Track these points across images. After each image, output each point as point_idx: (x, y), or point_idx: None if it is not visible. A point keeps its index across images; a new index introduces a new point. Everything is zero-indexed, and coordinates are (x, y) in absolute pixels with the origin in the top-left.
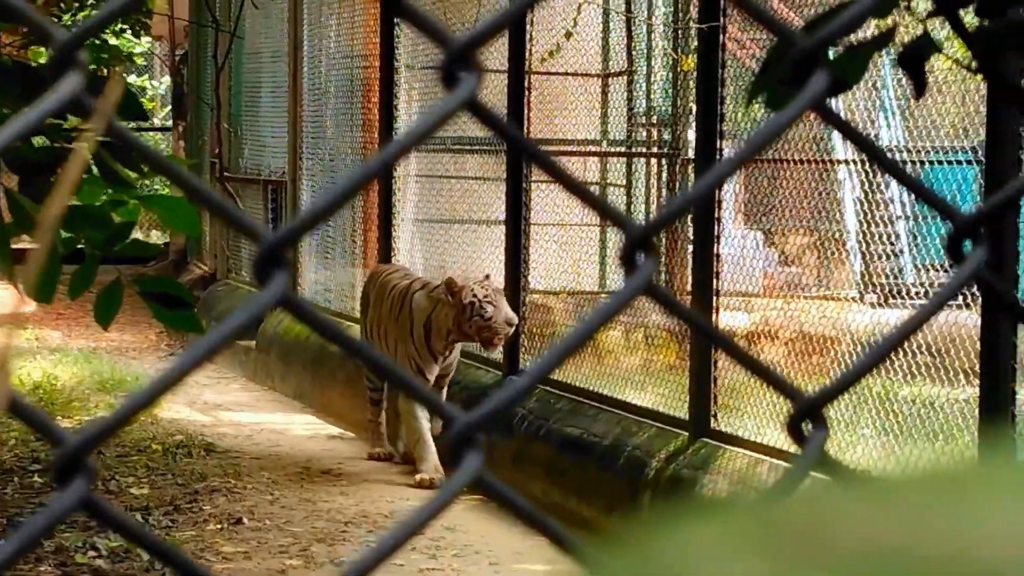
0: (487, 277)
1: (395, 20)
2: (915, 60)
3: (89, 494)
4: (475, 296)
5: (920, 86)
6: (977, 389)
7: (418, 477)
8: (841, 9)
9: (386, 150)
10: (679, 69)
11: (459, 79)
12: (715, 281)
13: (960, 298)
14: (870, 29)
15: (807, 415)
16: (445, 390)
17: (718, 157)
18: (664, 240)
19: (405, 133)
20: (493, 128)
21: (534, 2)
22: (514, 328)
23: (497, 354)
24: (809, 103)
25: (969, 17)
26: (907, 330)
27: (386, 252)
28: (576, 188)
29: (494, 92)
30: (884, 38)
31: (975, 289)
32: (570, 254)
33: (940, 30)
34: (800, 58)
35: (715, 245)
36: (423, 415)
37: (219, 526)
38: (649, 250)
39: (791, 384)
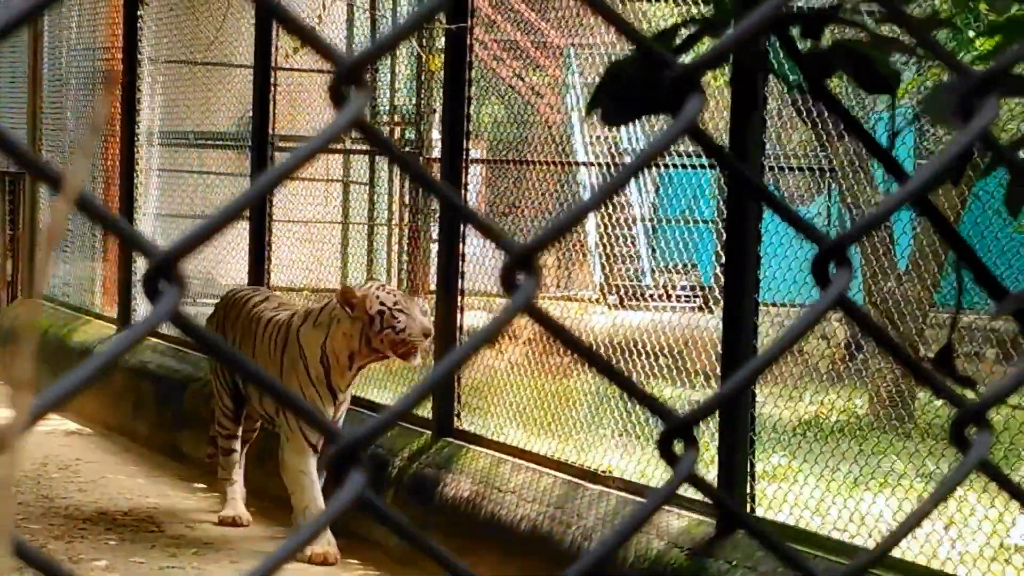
0: (382, 285)
1: (138, 13)
2: (747, 78)
3: None
4: (383, 304)
5: (751, 104)
6: (715, 387)
7: (310, 552)
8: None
9: (272, 171)
10: (424, 68)
11: (347, 97)
12: (460, 281)
13: (698, 301)
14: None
15: (678, 435)
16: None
17: (464, 157)
18: (407, 238)
19: (293, 153)
20: (380, 146)
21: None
22: (431, 337)
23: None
24: (686, 125)
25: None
26: (773, 354)
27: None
28: (456, 205)
29: (240, 87)
30: (719, 57)
31: (716, 293)
32: (312, 251)
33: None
34: (677, 82)
35: (460, 244)
36: (313, 471)
37: None
38: (531, 270)
39: (663, 404)
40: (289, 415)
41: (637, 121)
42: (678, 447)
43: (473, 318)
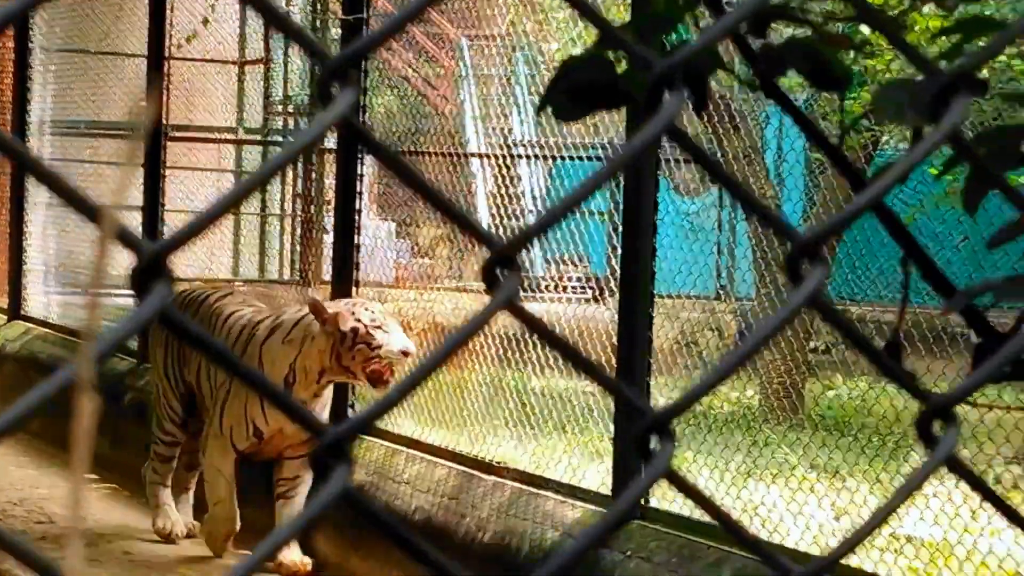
0: (360, 301)
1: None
2: (697, 76)
3: None
4: (359, 321)
5: (702, 102)
6: None
7: (281, 560)
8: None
9: (264, 168)
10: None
11: (334, 95)
12: (355, 272)
13: (590, 292)
14: None
15: (654, 430)
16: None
17: (358, 148)
18: (300, 229)
19: (283, 148)
20: (365, 142)
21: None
22: (410, 358)
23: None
24: (666, 122)
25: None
26: (748, 350)
27: (17, 237)
28: (441, 203)
29: (133, 77)
30: (699, 54)
31: (610, 284)
32: (204, 242)
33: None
34: (657, 80)
35: (356, 235)
36: (231, 475)
37: None
38: (513, 266)
39: (639, 398)
40: (218, 416)
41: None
42: (654, 443)
43: None
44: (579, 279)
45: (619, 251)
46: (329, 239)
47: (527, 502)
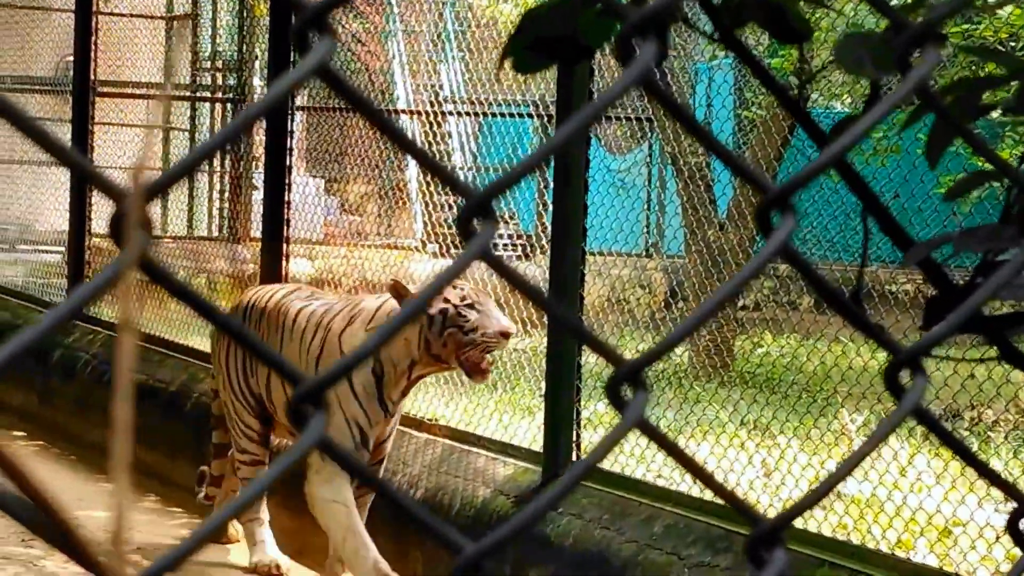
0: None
1: None
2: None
3: None
4: (447, 301)
5: (663, 53)
6: (541, 339)
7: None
8: None
9: (242, 115)
10: (247, 15)
11: (311, 44)
12: (285, 228)
13: (521, 249)
14: None
15: (627, 380)
16: (384, 465)
17: (289, 104)
18: (228, 188)
19: (261, 99)
20: (345, 95)
21: None
22: (509, 340)
23: (59, 298)
24: (641, 72)
25: None
26: (720, 298)
27: None
28: (418, 154)
29: (60, 32)
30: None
31: (542, 241)
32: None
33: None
34: (629, 31)
35: (286, 192)
36: (349, 499)
37: None
38: (488, 216)
39: (613, 349)
40: None
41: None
42: (627, 392)
43: (297, 265)
44: (509, 236)
45: (549, 208)
46: (258, 196)
47: (459, 459)
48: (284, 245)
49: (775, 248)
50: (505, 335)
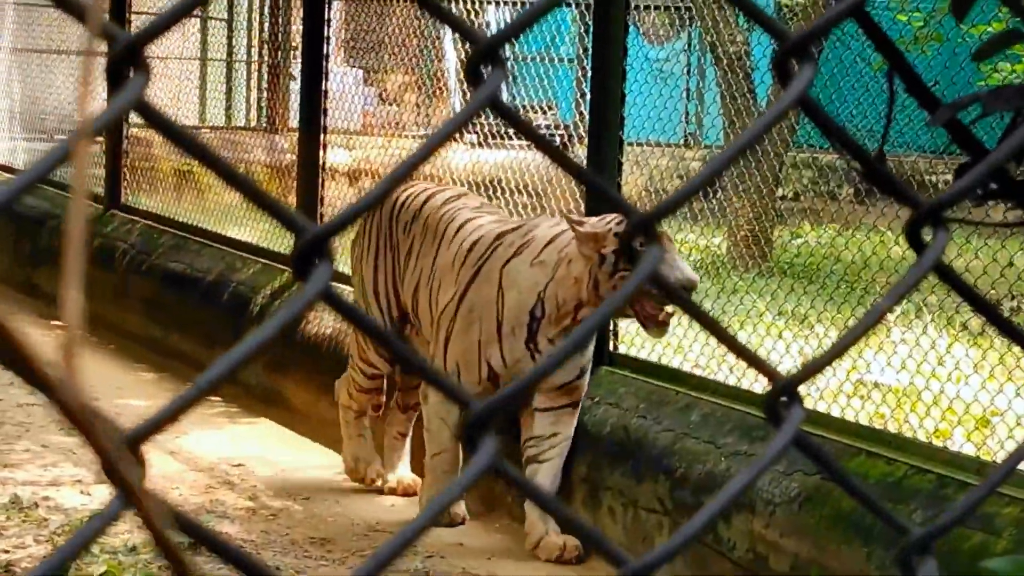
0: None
1: None
2: None
3: None
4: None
5: None
6: None
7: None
8: None
9: None
10: None
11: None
12: (323, 119)
13: (559, 139)
14: None
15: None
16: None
17: None
18: (266, 77)
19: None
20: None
21: None
22: (693, 290)
23: (99, 187)
24: None
25: None
26: (739, 147)
27: None
28: (431, 5)
29: None
30: None
31: (579, 131)
32: (169, 88)
33: None
34: None
35: (323, 81)
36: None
37: None
38: (496, 62)
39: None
40: (442, 351)
41: None
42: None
43: (335, 156)
44: (547, 126)
45: (587, 97)
46: (296, 86)
47: (740, 477)
48: (322, 135)
49: (795, 96)
50: (688, 288)
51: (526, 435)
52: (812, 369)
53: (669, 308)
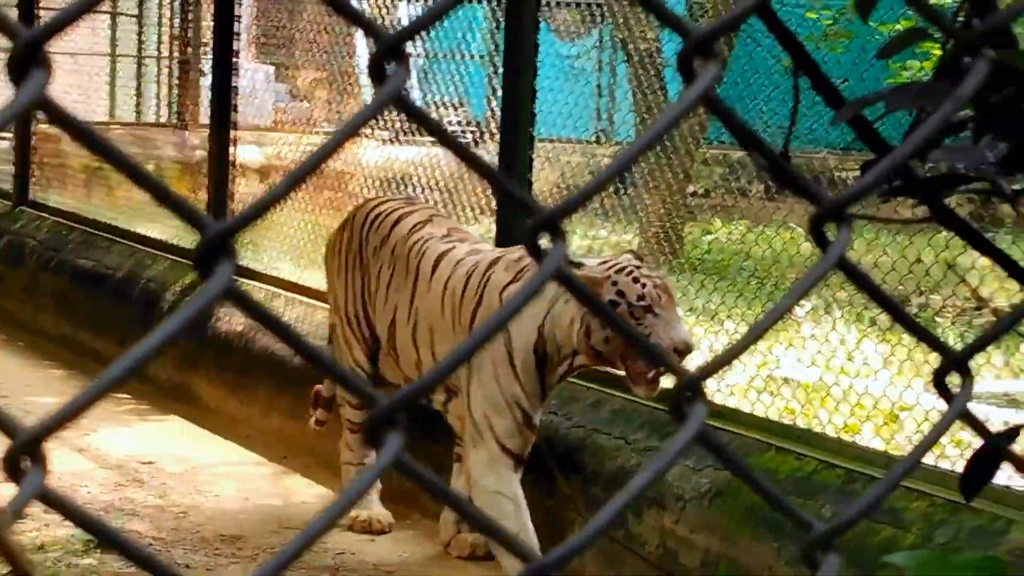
0: (631, 264)
1: None
2: None
3: None
4: (621, 295)
5: None
6: (488, 223)
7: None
8: None
9: None
10: None
11: None
12: (233, 114)
13: (470, 135)
14: None
15: (544, 228)
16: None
17: None
18: (176, 72)
19: None
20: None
21: None
22: (688, 354)
23: (8, 184)
24: None
25: None
26: (642, 145)
27: None
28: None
29: None
30: None
31: (491, 127)
32: (79, 84)
33: None
34: None
35: (234, 78)
36: (516, 489)
37: None
38: (400, 59)
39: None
40: (477, 410)
41: None
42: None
43: (246, 152)
44: (459, 123)
45: (499, 94)
46: (207, 82)
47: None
48: (232, 131)
49: (699, 94)
50: (681, 352)
51: (457, 435)
52: (715, 366)
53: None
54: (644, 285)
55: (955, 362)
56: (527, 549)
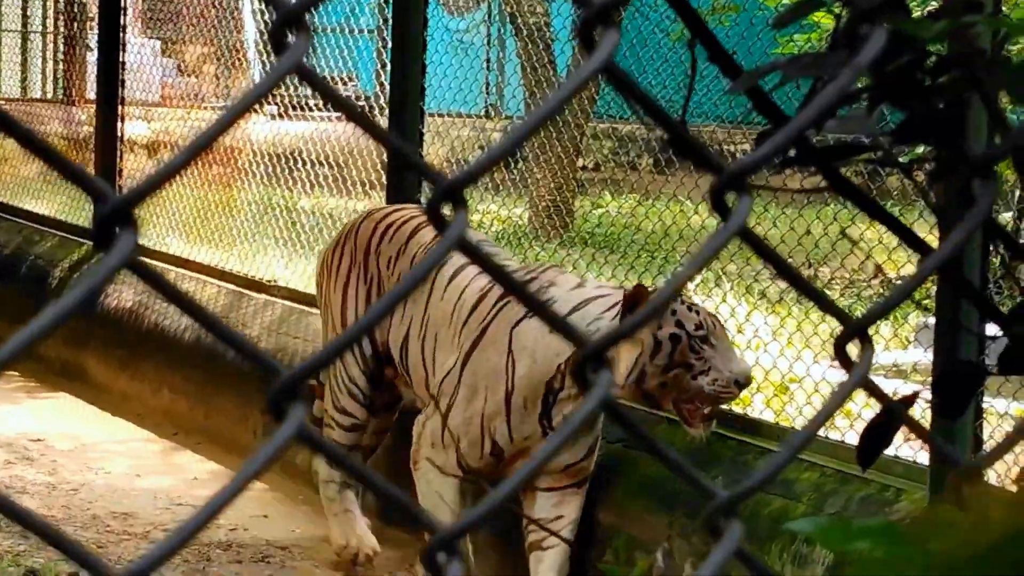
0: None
1: None
2: None
3: None
4: (680, 326)
5: None
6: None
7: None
8: None
9: None
10: None
11: None
12: (120, 90)
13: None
14: None
15: (446, 198)
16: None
17: None
18: (62, 48)
19: None
20: None
21: None
22: (748, 387)
23: None
24: None
25: None
26: (541, 115)
27: None
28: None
29: None
30: None
31: (380, 102)
32: None
33: None
34: None
35: (120, 53)
36: (454, 498)
37: None
38: (300, 27)
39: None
40: (439, 417)
41: None
42: (447, 210)
43: (133, 128)
44: (348, 97)
45: (388, 69)
46: (93, 57)
47: (297, 320)
48: (120, 107)
49: (599, 63)
50: (742, 383)
51: (528, 517)
52: (616, 336)
53: (728, 398)
54: (699, 313)
55: (855, 330)
56: (434, 520)
